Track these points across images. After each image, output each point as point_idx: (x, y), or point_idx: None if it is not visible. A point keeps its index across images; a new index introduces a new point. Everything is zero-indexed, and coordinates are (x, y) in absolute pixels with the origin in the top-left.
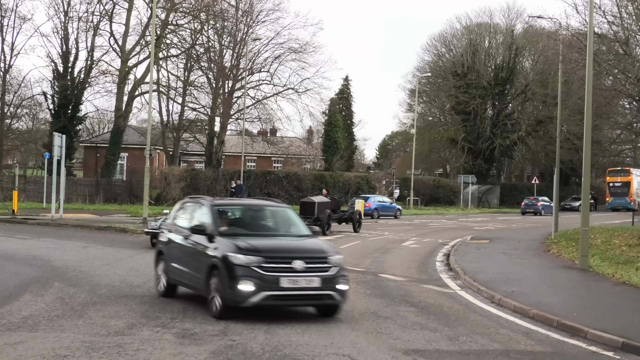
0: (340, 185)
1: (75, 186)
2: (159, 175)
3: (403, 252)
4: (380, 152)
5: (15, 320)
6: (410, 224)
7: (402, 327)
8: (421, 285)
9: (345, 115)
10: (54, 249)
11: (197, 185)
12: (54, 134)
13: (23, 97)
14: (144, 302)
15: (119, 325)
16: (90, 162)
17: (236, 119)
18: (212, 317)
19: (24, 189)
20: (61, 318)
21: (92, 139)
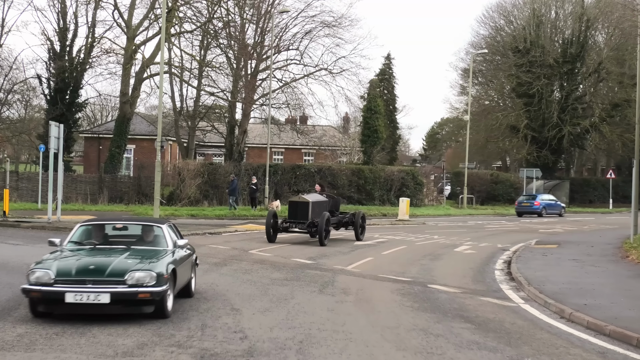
0: (382, 181)
1: (74, 183)
2: (172, 170)
3: (456, 258)
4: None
5: (8, 338)
6: (463, 225)
7: (457, 347)
8: (478, 297)
9: (387, 99)
10: None
11: (216, 181)
12: (50, 123)
13: (14, 81)
14: (157, 317)
15: (128, 344)
16: (92, 156)
17: (261, 105)
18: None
19: (16, 187)
20: (61, 336)
21: (93, 128)
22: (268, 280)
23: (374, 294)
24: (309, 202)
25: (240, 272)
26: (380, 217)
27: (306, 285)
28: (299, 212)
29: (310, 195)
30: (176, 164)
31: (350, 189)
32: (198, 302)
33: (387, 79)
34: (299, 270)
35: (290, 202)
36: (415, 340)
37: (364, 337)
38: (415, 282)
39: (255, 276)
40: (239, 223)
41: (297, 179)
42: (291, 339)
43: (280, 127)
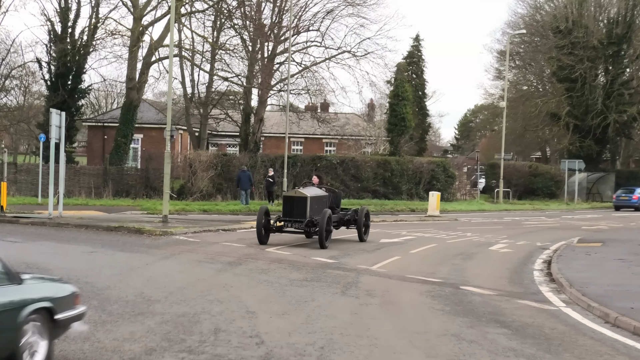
0: (410, 173)
1: (77, 176)
2: (182, 161)
3: (491, 257)
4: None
5: None
6: (499, 222)
7: (492, 354)
8: (515, 300)
9: (416, 84)
10: (52, 255)
11: (230, 174)
12: (51, 111)
13: (12, 66)
14: (165, 320)
15: (135, 350)
16: (96, 146)
17: (278, 91)
18: (249, 338)
19: (14, 180)
20: (63, 341)
21: (98, 116)
22: (286, 280)
23: (401, 296)
24: (306, 197)
25: (256, 272)
26: (408, 213)
27: (327, 287)
28: (295, 208)
29: (308, 189)
30: (187, 155)
31: (376, 182)
32: (210, 305)
33: (416, 62)
34: (320, 270)
35: (286, 197)
36: (446, 347)
37: (391, 343)
38: (446, 284)
39: (272, 276)
40: (255, 219)
41: (317, 171)
42: (311, 345)
43: (300, 115)
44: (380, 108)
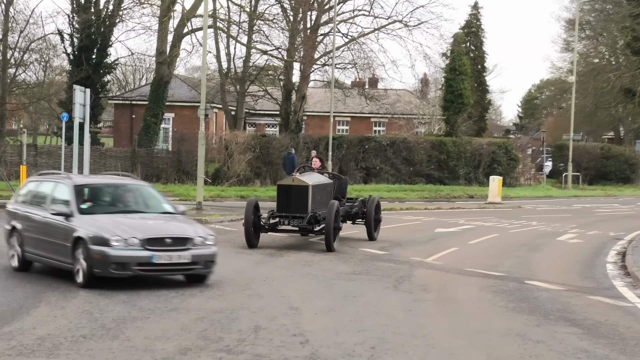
0: (468, 156)
1: (103, 159)
2: (218, 143)
3: (559, 249)
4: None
5: (28, 341)
6: (568, 209)
7: (561, 355)
8: (586, 296)
9: (475, 57)
10: None
11: (269, 156)
12: (75, 88)
13: (31, 39)
14: (201, 317)
15: (168, 349)
16: (123, 126)
17: (322, 65)
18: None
19: (34, 163)
20: (89, 339)
21: (125, 94)
22: (332, 274)
23: (460, 292)
24: (308, 185)
25: (299, 264)
26: (465, 199)
27: (378, 281)
28: (293, 200)
29: (308, 176)
30: (223, 136)
31: (430, 166)
32: (250, 300)
33: (475, 32)
34: (369, 263)
35: (281, 186)
36: (510, 348)
37: (448, 344)
38: (510, 278)
39: (317, 269)
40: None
41: (365, 153)
42: (361, 344)
43: (346, 92)
44: (435, 83)
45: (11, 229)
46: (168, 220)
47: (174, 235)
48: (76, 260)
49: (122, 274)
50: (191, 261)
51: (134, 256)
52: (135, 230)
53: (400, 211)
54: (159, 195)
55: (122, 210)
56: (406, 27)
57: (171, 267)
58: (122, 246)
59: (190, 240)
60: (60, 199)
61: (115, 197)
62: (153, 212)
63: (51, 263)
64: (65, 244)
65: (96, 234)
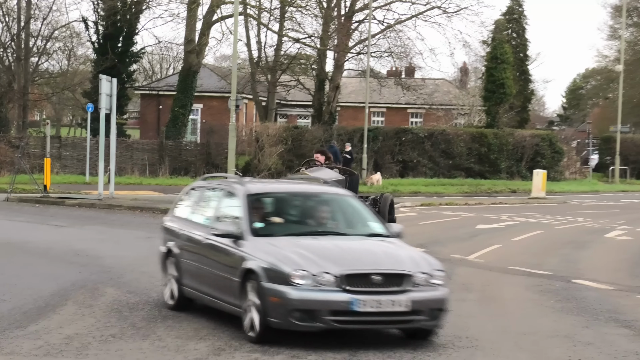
0: (510, 148)
1: (130, 151)
2: (248, 135)
3: (607, 247)
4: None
5: (55, 341)
6: (615, 205)
7: (611, 358)
8: (636, 296)
9: (516, 45)
10: (103, 241)
11: (302, 149)
12: (101, 77)
13: (55, 26)
14: (235, 316)
15: (201, 349)
16: (150, 118)
17: (357, 54)
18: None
19: (58, 156)
20: (119, 339)
21: (152, 84)
22: None
23: (504, 291)
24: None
25: None
26: (507, 194)
27: None
28: None
29: (319, 171)
30: (253, 128)
31: (470, 159)
32: None
33: (516, 19)
34: None
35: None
36: (558, 350)
37: (494, 345)
38: (556, 277)
39: None
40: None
41: (402, 146)
42: (402, 347)
43: (381, 82)
44: (475, 72)
45: (167, 252)
46: (377, 247)
47: (385, 270)
48: (246, 302)
49: (308, 326)
50: (410, 309)
51: (326, 300)
52: (329, 261)
53: (439, 206)
54: (364, 209)
55: (312, 231)
56: (445, 14)
57: (380, 318)
58: (309, 285)
59: (409, 278)
60: (228, 213)
61: (304, 212)
62: (355, 233)
63: (214, 303)
64: (232, 279)
65: (273, 266)
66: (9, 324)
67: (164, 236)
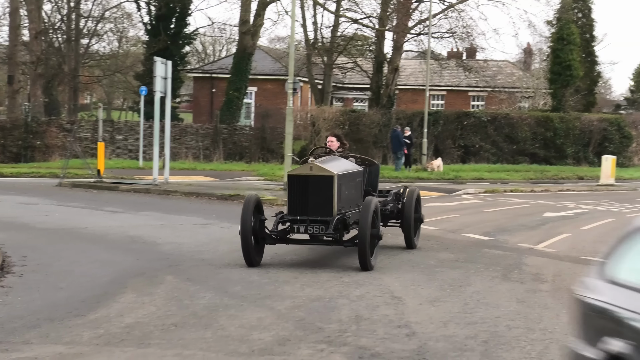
0: (577, 133)
1: (183, 136)
2: (303, 119)
3: None
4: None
5: (115, 330)
6: None
7: None
8: None
9: (582, 26)
10: (160, 228)
11: (359, 134)
12: (155, 60)
13: (105, 7)
14: (297, 305)
15: (265, 339)
16: (203, 101)
17: (417, 35)
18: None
19: (110, 140)
20: (181, 328)
21: (204, 66)
22: (434, 261)
23: (577, 282)
24: (332, 175)
25: (396, 250)
26: (574, 181)
27: (485, 269)
28: (311, 197)
29: (331, 162)
30: (309, 112)
31: (534, 144)
32: (348, 289)
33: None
34: (474, 249)
35: (293, 177)
36: None
37: (569, 338)
38: None
39: (418, 256)
40: (391, 187)
41: (463, 130)
42: (472, 338)
43: (442, 63)
44: (540, 54)
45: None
46: None
47: None
48: None
49: None
50: None
51: None
52: None
53: (504, 193)
54: None
55: None
56: None
57: None
58: None
59: None
60: None
61: None
62: None
63: None
64: None
65: None
66: (68, 312)
67: (590, 322)
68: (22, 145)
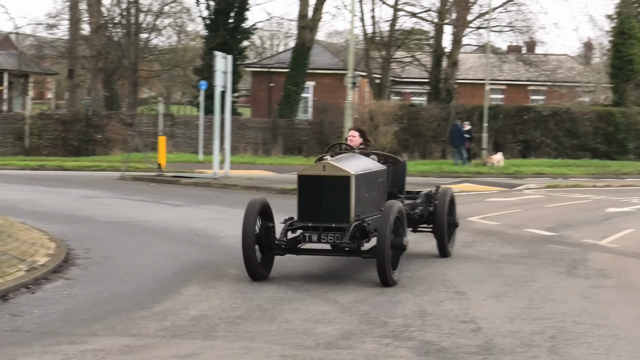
0: (638, 128)
1: (242, 130)
2: (361, 113)
3: None
4: None
5: (182, 322)
6: None
7: None
8: None
9: None
10: (222, 221)
11: (418, 128)
12: (216, 54)
13: (164, 1)
14: (361, 299)
15: (330, 333)
16: (261, 96)
17: (476, 29)
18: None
19: (170, 134)
20: (246, 320)
21: (262, 61)
22: (497, 256)
23: None
24: (349, 175)
25: (460, 244)
26: (636, 176)
27: (549, 265)
28: (325, 201)
29: (348, 160)
30: (367, 106)
31: (596, 139)
32: (412, 283)
33: None
34: (537, 244)
35: (304, 178)
36: None
37: (637, 334)
38: None
39: (481, 250)
40: (451, 182)
41: (524, 125)
42: (539, 334)
43: (502, 57)
44: (600, 48)
45: None
46: None
47: None
48: None
49: None
50: None
51: None
52: None
53: (566, 188)
54: None
55: None
56: None
57: None
58: None
59: None
60: None
61: None
62: None
63: None
64: None
65: None
66: (133, 305)
67: None
68: (83, 138)
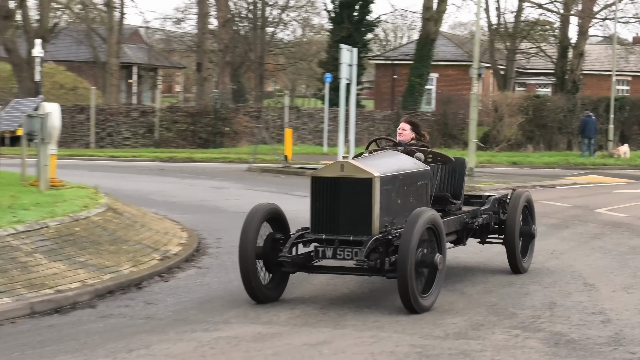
0: None
1: (365, 122)
2: (485, 105)
3: None
4: None
5: (311, 311)
6: None
7: None
8: None
9: None
10: None
11: (543, 119)
12: (342, 47)
13: None
14: (489, 290)
15: (459, 323)
16: (384, 87)
17: (603, 20)
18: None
19: (295, 126)
20: (374, 310)
21: (386, 53)
22: (626, 248)
23: None
24: (371, 178)
25: (586, 236)
26: None
27: None
28: (341, 209)
29: (378, 159)
30: (491, 97)
31: None
32: (540, 275)
33: None
34: None
35: (318, 180)
36: None
37: None
38: None
39: (608, 242)
40: (577, 173)
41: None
42: None
43: (628, 49)
44: None
45: None
46: None
47: None
48: None
49: None
50: None
51: None
52: None
53: None
54: None
55: None
56: None
57: None
58: None
59: None
60: None
61: None
62: None
63: None
64: None
65: None
66: None
67: None
68: (211, 131)
